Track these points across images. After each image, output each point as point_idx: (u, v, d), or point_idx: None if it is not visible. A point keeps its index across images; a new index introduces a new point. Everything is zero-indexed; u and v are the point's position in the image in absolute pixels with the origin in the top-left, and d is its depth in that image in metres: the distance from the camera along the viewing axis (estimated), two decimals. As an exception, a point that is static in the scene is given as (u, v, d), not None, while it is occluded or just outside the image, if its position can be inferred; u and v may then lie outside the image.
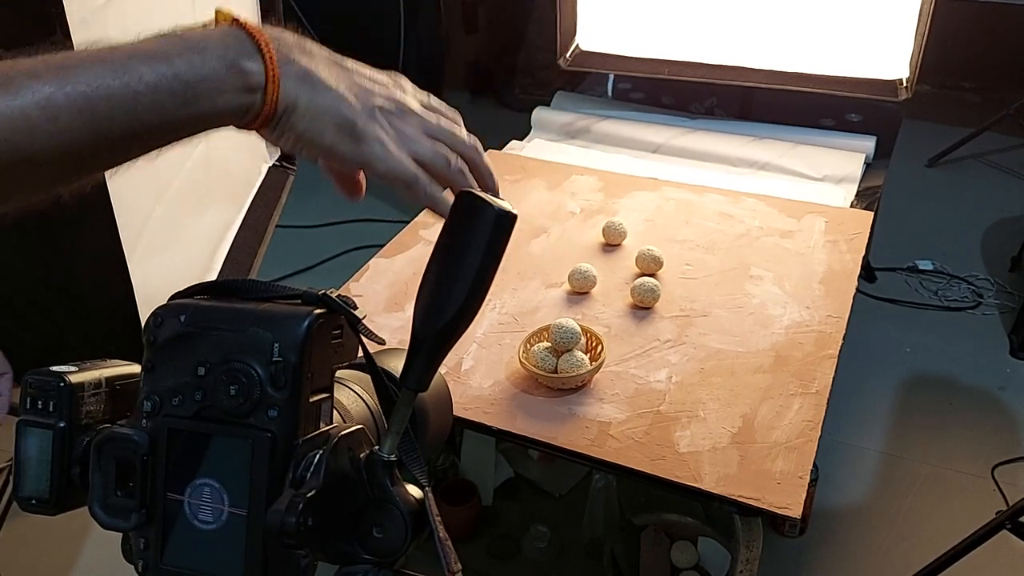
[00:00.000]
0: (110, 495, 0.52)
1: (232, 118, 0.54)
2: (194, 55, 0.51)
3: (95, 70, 0.47)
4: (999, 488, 2.04)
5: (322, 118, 0.56)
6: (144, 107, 0.49)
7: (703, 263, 1.62)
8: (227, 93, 0.52)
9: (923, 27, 1.83)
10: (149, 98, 0.49)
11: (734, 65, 2.05)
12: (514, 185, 1.92)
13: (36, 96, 0.45)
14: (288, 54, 0.55)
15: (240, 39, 0.53)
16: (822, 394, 1.29)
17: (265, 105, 0.54)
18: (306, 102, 0.55)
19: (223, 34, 0.53)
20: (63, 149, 0.47)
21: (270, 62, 0.53)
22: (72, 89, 0.46)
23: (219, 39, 0.52)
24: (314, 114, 0.56)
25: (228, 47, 0.52)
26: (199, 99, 0.51)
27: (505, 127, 2.36)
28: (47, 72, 0.46)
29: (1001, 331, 2.56)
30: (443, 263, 0.53)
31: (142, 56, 0.49)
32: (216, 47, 0.52)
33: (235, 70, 0.52)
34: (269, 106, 0.54)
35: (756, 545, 1.26)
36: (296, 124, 0.56)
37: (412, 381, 0.53)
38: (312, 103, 0.55)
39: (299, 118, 0.56)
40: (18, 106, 0.45)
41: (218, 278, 0.85)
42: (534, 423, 1.26)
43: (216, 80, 0.51)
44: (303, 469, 0.49)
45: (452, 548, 0.51)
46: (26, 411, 0.54)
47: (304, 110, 0.55)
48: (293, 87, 0.55)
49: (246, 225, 2.08)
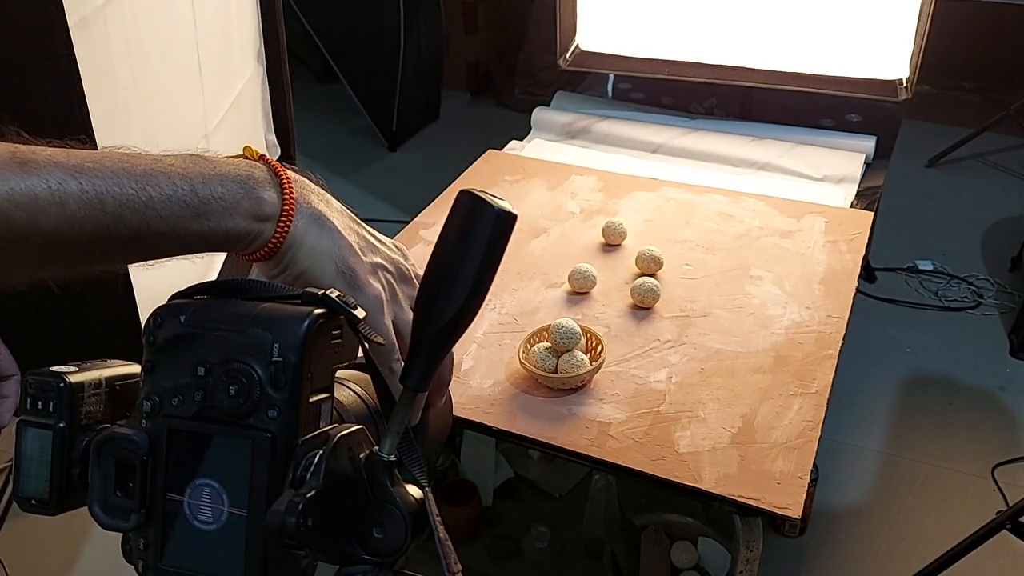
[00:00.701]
0: (110, 495, 0.52)
1: (239, 242, 0.55)
2: (215, 175, 0.52)
3: (115, 169, 0.48)
4: (999, 488, 2.04)
5: (326, 260, 0.57)
6: (154, 214, 0.50)
7: (703, 263, 1.62)
8: (239, 217, 0.53)
9: (923, 27, 1.83)
10: (162, 206, 0.50)
11: (734, 65, 2.05)
12: (514, 185, 1.92)
13: (49, 180, 0.46)
14: (306, 195, 0.57)
15: (263, 172, 0.55)
16: (822, 394, 1.29)
17: (274, 236, 0.55)
18: (313, 241, 0.57)
19: (248, 165, 0.55)
20: (65, 237, 0.47)
21: (287, 196, 0.55)
22: (87, 181, 0.47)
23: (244, 168, 0.54)
24: (319, 255, 0.57)
25: (251, 176, 0.54)
26: (210, 217, 0.52)
27: (505, 127, 2.36)
28: (67, 161, 0.47)
29: (1001, 331, 2.56)
30: (443, 263, 0.53)
31: (163, 168, 0.50)
32: (240, 175, 0.53)
33: (251, 197, 0.54)
34: (278, 238, 0.55)
35: (756, 545, 1.26)
36: (300, 261, 0.57)
37: (412, 381, 0.53)
38: (319, 244, 0.57)
39: (303, 256, 0.57)
40: (28, 186, 0.45)
41: (218, 278, 0.85)
42: (534, 423, 1.26)
43: (231, 202, 0.53)
44: (303, 469, 0.49)
45: (452, 548, 0.51)
46: (26, 411, 0.54)
47: (310, 248, 0.57)
48: (304, 225, 0.56)
49: (246, 225, 2.08)
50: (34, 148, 0.47)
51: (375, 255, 0.60)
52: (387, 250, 0.62)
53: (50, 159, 0.46)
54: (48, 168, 0.46)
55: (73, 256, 0.49)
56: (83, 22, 1.33)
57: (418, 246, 1.70)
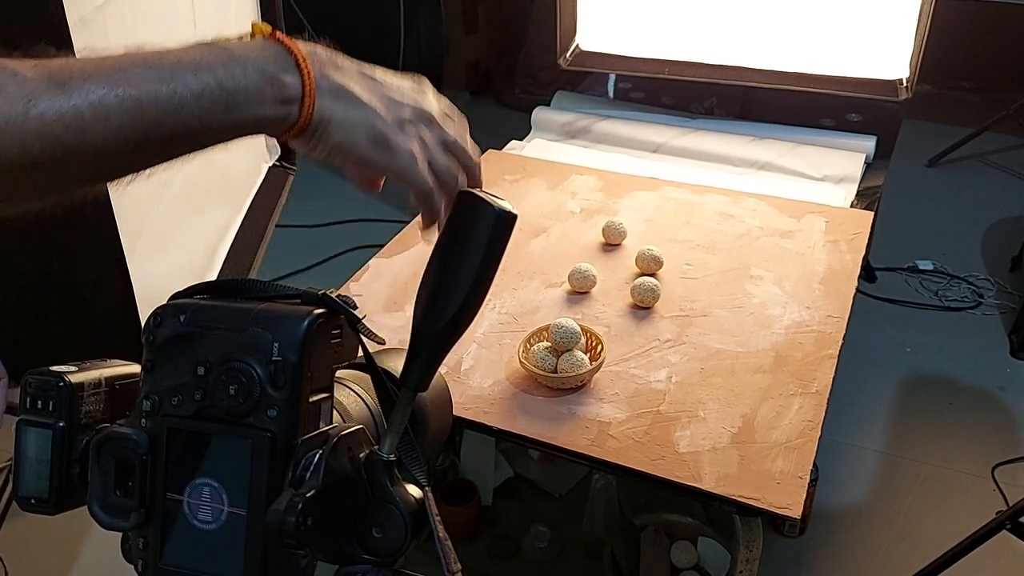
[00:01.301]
0: (109, 495, 0.52)
1: (270, 127, 0.56)
2: (236, 66, 0.53)
3: (146, 76, 0.50)
4: (999, 488, 2.04)
5: (356, 131, 0.58)
6: (189, 113, 0.51)
7: (703, 263, 1.62)
8: (266, 104, 0.54)
9: (923, 27, 1.82)
10: (194, 104, 0.51)
11: (735, 65, 2.05)
12: (514, 185, 1.92)
13: (90, 97, 0.48)
14: (322, 69, 0.57)
15: (279, 53, 0.55)
16: (822, 394, 1.29)
17: (301, 117, 0.56)
18: (341, 116, 0.57)
19: (262, 47, 0.55)
20: (111, 148, 0.49)
21: (307, 76, 0.55)
22: (123, 92, 0.49)
23: (259, 52, 0.55)
24: (349, 127, 0.58)
25: (268, 60, 0.54)
26: (240, 107, 0.53)
27: (505, 127, 2.36)
28: (99, 74, 0.48)
29: (1001, 331, 2.56)
30: (443, 263, 0.53)
31: (188, 65, 0.51)
32: (257, 60, 0.54)
33: (274, 82, 0.54)
34: (304, 118, 0.56)
35: (756, 545, 1.26)
36: (331, 136, 0.58)
37: (412, 381, 0.53)
38: (346, 117, 0.58)
39: (334, 130, 0.58)
40: (72, 106, 0.47)
41: (218, 278, 0.85)
42: (534, 423, 1.26)
43: (256, 91, 0.53)
44: (303, 469, 0.49)
45: (452, 548, 0.51)
46: (26, 411, 0.54)
47: (339, 123, 0.57)
48: (328, 101, 0.57)
49: (246, 225, 2.08)
50: (64, 63, 0.48)
51: (399, 110, 0.61)
52: (408, 99, 0.62)
53: (83, 73, 0.48)
54: (85, 84, 0.47)
55: (120, 165, 0.52)
56: (83, 21, 1.33)
57: (418, 246, 1.70)
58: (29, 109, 0.46)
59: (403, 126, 0.60)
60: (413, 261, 1.65)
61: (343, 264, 2.86)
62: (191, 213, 1.84)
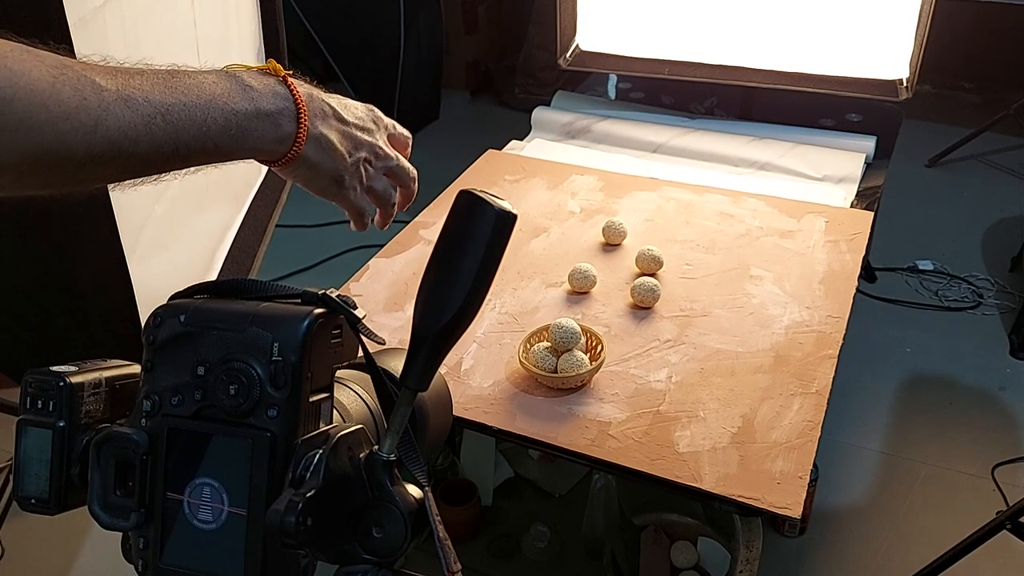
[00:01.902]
0: (109, 494, 0.52)
1: (261, 157, 0.71)
2: (254, 113, 0.66)
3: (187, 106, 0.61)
4: (999, 488, 2.04)
5: (322, 174, 0.75)
6: (211, 141, 0.63)
7: (703, 263, 1.62)
8: (267, 142, 0.69)
9: (923, 27, 1.82)
10: (217, 136, 0.64)
11: (734, 65, 2.05)
12: (514, 185, 1.92)
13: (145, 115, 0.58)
14: (313, 119, 0.72)
15: (287, 106, 0.69)
16: (822, 394, 1.29)
17: (287, 156, 0.71)
18: (315, 160, 0.73)
19: (276, 96, 0.69)
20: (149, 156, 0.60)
21: (302, 127, 0.70)
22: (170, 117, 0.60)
23: (273, 102, 0.68)
24: (318, 170, 0.74)
25: (280, 114, 0.69)
26: (247, 142, 0.67)
27: (505, 127, 2.36)
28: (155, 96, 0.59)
29: (1001, 331, 2.56)
30: (443, 263, 0.53)
31: (220, 104, 0.64)
32: (271, 112, 0.68)
33: (278, 130, 0.69)
34: (290, 158, 0.71)
35: (756, 545, 1.26)
36: (302, 174, 0.74)
37: (412, 381, 0.53)
38: (319, 162, 0.74)
39: (306, 170, 0.74)
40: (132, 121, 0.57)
41: (218, 278, 0.86)
42: (534, 423, 1.26)
43: (263, 133, 0.68)
44: (303, 469, 0.49)
45: (452, 548, 0.51)
46: (26, 411, 0.54)
47: (312, 165, 0.73)
48: (311, 149, 0.72)
49: (246, 225, 2.08)
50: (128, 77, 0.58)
51: (359, 151, 0.77)
52: (364, 139, 0.78)
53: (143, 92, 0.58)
54: (145, 104, 0.58)
55: (150, 170, 0.62)
56: (82, 21, 1.33)
57: (418, 246, 1.70)
58: (101, 119, 0.55)
59: (357, 166, 0.78)
60: (413, 261, 1.65)
61: (343, 264, 2.86)
62: (191, 213, 1.84)
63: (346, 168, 0.76)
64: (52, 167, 0.54)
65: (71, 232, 1.53)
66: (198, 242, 1.88)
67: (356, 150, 0.77)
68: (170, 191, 1.71)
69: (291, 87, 0.70)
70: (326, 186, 0.76)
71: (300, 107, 0.70)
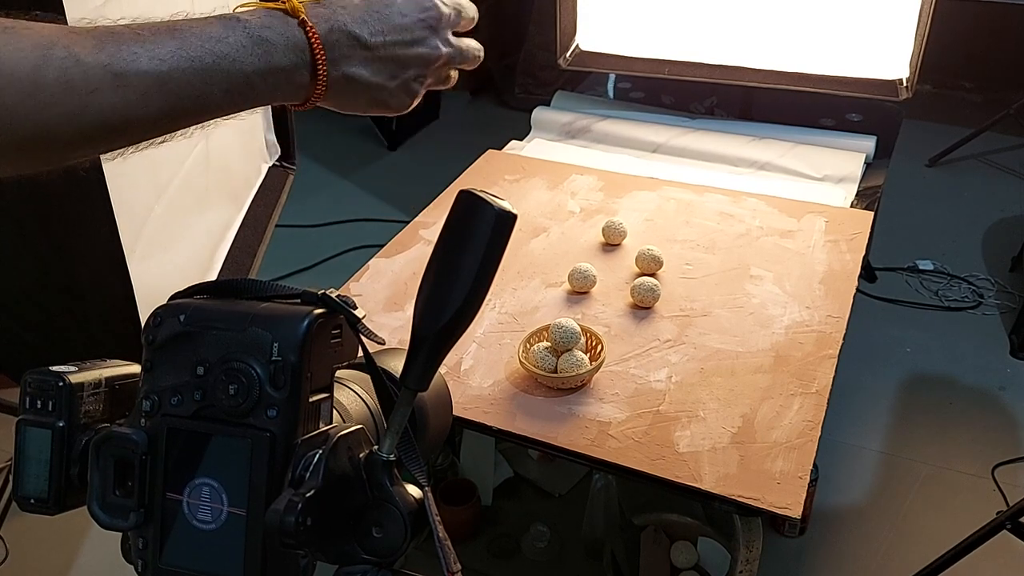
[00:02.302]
0: (109, 495, 0.52)
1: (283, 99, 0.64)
2: (268, 69, 0.61)
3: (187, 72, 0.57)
4: (999, 488, 2.04)
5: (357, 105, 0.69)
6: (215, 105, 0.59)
7: (703, 263, 1.62)
8: (282, 96, 0.63)
9: (923, 27, 1.82)
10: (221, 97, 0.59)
11: (734, 65, 2.05)
12: (514, 185, 1.92)
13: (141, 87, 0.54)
14: (336, 62, 0.64)
15: (305, 58, 0.63)
16: (822, 394, 1.29)
17: (306, 102, 0.65)
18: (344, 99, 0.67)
19: (292, 48, 0.62)
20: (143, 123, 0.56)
21: (320, 76, 0.63)
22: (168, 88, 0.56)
23: (288, 58, 0.62)
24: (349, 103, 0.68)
25: (295, 67, 0.62)
26: (262, 96, 0.62)
27: (505, 127, 2.36)
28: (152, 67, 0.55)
29: (1001, 331, 2.56)
30: (443, 263, 0.53)
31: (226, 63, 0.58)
32: (286, 65, 0.62)
33: (292, 82, 0.63)
34: (311, 102, 0.66)
35: (756, 545, 1.26)
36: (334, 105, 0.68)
37: (412, 381, 0.53)
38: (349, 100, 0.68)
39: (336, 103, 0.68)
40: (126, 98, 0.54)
41: (218, 278, 0.85)
42: (534, 423, 1.26)
43: (275, 88, 0.62)
44: (302, 469, 0.49)
45: (451, 548, 0.51)
46: (26, 410, 0.54)
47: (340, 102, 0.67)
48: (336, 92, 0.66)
49: (246, 225, 2.08)
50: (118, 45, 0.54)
51: (404, 71, 0.69)
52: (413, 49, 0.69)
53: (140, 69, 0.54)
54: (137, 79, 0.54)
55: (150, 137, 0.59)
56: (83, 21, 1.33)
57: (418, 246, 1.70)
58: (90, 101, 0.52)
59: (405, 84, 0.70)
60: (413, 261, 1.65)
61: (343, 264, 2.86)
62: (191, 213, 1.84)
63: (388, 93, 0.69)
64: (40, 152, 0.53)
65: (71, 232, 1.53)
66: (198, 242, 1.88)
67: (401, 71, 0.69)
68: (170, 191, 1.71)
69: (309, 31, 0.63)
70: (366, 110, 0.70)
71: (317, 55, 0.63)
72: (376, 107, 0.70)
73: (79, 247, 1.55)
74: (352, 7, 0.66)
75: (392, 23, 0.68)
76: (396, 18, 0.68)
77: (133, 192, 1.55)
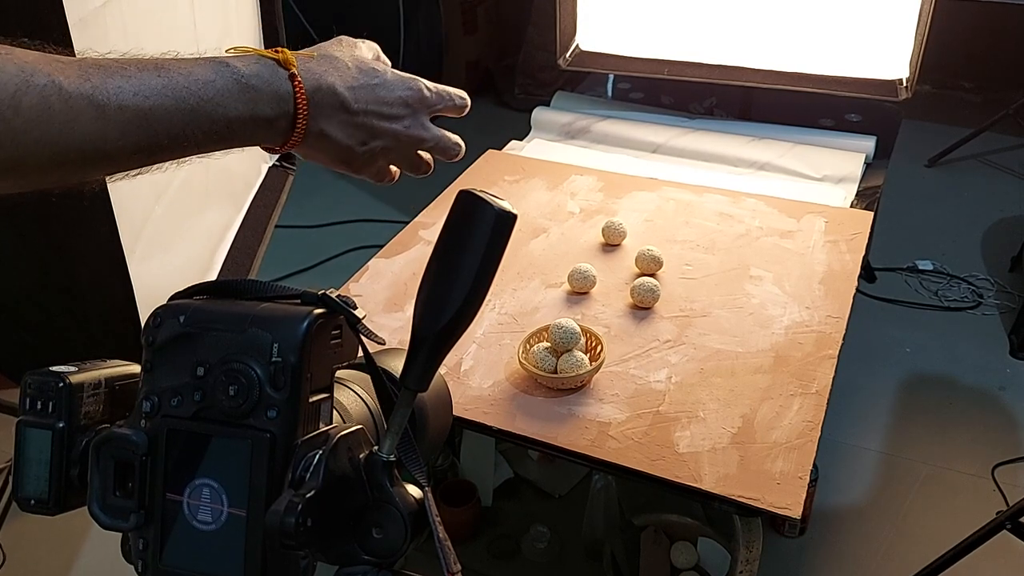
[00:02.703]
0: (109, 495, 0.52)
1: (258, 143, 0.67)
2: (249, 116, 0.62)
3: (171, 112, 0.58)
4: (999, 488, 2.04)
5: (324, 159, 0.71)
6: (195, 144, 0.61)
7: (703, 263, 1.62)
8: (259, 141, 0.66)
9: (923, 27, 1.82)
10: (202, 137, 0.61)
11: (734, 65, 2.05)
12: (514, 185, 1.92)
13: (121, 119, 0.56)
14: (316, 117, 0.67)
15: (289, 111, 0.65)
16: (822, 394, 1.29)
17: (280, 149, 0.68)
18: (314, 151, 0.70)
19: (278, 101, 0.64)
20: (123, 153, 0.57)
21: (299, 128, 0.66)
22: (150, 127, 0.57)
23: (273, 109, 0.64)
24: (318, 156, 0.71)
25: (278, 117, 0.64)
26: (235, 142, 0.64)
27: (505, 127, 2.36)
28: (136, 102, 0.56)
29: (1001, 331, 2.56)
30: (443, 263, 0.53)
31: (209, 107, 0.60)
32: (269, 115, 0.64)
33: (271, 133, 0.65)
34: (284, 150, 0.68)
35: (756, 545, 1.26)
36: (303, 153, 0.70)
37: (412, 381, 0.53)
38: (319, 152, 0.70)
39: (306, 152, 0.70)
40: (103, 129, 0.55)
41: (218, 278, 0.85)
42: (534, 423, 1.26)
43: (254, 135, 0.64)
44: (302, 469, 0.49)
45: (452, 549, 0.51)
46: (26, 411, 0.54)
47: (310, 153, 0.70)
48: (308, 143, 0.68)
49: (246, 225, 2.08)
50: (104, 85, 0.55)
51: (374, 139, 0.72)
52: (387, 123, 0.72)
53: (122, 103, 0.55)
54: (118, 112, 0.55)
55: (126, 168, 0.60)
56: (83, 22, 1.33)
57: (418, 246, 1.70)
58: (67, 130, 0.53)
59: (371, 153, 0.72)
60: (413, 261, 1.65)
61: (343, 264, 2.86)
62: (191, 213, 1.84)
63: (354, 155, 0.72)
64: (12, 176, 0.53)
65: (71, 232, 1.53)
66: (198, 242, 1.88)
67: (371, 139, 0.72)
68: (170, 191, 1.71)
69: (297, 86, 0.65)
70: (330, 164, 0.73)
71: (300, 110, 0.65)
72: (340, 165, 0.72)
73: (79, 247, 1.55)
74: (344, 71, 0.69)
75: (376, 95, 0.71)
76: (381, 91, 0.71)
77: (133, 192, 1.55)
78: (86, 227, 1.49)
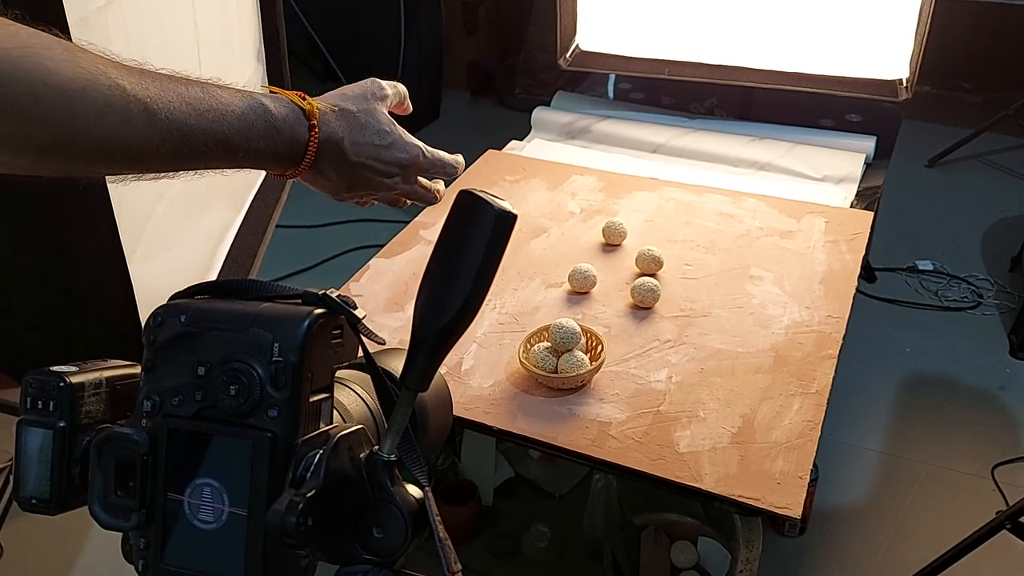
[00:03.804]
0: (110, 495, 0.52)
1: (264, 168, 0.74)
2: (268, 151, 0.70)
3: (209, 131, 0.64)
4: (999, 488, 2.04)
5: (315, 186, 0.80)
6: (217, 159, 0.67)
7: (703, 263, 1.62)
8: (266, 168, 0.73)
9: (923, 27, 1.82)
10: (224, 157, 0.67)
11: (734, 65, 2.05)
12: (514, 185, 1.92)
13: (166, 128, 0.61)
14: (321, 160, 0.75)
15: (301, 144, 0.73)
16: (822, 394, 1.29)
17: (283, 175, 0.76)
18: (310, 182, 0.79)
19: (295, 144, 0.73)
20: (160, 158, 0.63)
21: (304, 164, 0.74)
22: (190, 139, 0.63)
23: (289, 150, 0.72)
24: (313, 185, 0.80)
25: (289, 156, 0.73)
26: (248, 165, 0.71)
27: (505, 127, 2.36)
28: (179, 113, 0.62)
29: (1001, 331, 2.56)
30: (443, 263, 0.53)
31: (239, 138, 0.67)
32: (283, 153, 0.72)
33: (279, 166, 0.73)
34: (287, 176, 0.76)
35: (756, 545, 1.26)
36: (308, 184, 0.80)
37: (412, 381, 0.53)
38: (314, 184, 0.79)
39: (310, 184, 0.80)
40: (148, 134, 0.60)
41: (218, 278, 0.86)
42: (534, 423, 1.26)
43: (265, 164, 0.72)
44: (303, 469, 0.49)
45: (452, 548, 0.51)
46: (26, 411, 0.54)
47: (307, 182, 0.79)
48: (308, 176, 0.77)
49: (246, 225, 2.08)
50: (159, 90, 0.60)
51: (359, 187, 0.81)
52: (378, 177, 0.81)
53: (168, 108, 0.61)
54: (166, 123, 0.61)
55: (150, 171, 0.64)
56: (84, 22, 1.33)
57: (418, 246, 1.70)
58: (119, 129, 0.58)
59: (355, 194, 0.82)
60: (413, 261, 1.65)
61: (343, 264, 2.86)
62: (191, 213, 1.84)
63: (340, 192, 0.81)
64: (61, 161, 0.57)
65: (71, 232, 1.53)
66: (198, 242, 1.88)
67: (359, 185, 0.81)
68: (170, 191, 1.71)
69: (312, 135, 0.73)
70: (321, 192, 0.81)
71: (308, 154, 0.73)
72: (327, 194, 0.82)
73: (79, 247, 1.55)
74: (357, 126, 0.78)
75: (377, 153, 0.80)
76: (383, 151, 0.80)
77: (134, 193, 1.55)
78: (86, 227, 1.49)
